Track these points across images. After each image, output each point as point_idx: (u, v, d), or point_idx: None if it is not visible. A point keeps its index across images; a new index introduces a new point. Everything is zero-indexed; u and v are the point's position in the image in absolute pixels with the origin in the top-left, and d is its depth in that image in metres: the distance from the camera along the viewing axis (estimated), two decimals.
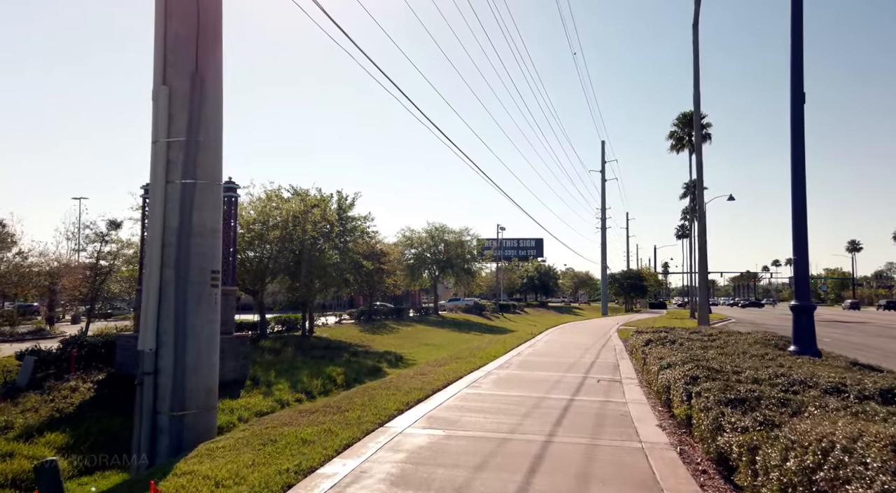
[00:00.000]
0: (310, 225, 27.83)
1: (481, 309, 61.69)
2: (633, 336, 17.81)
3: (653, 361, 11.01)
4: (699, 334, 16.77)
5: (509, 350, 18.87)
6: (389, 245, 39.20)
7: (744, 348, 12.93)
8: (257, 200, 28.10)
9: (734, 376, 7.96)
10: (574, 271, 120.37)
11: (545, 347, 20.62)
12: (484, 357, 16.40)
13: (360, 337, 34.03)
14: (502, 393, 10.92)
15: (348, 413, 8.76)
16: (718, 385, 6.78)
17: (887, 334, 36.31)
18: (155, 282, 8.17)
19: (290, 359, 24.85)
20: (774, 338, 15.52)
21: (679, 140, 50.56)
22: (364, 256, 34.09)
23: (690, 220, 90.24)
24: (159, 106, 8.31)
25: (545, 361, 16.13)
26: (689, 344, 13.32)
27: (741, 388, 6.58)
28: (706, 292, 21.96)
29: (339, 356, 26.69)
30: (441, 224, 53.85)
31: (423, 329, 41.90)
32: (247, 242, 26.56)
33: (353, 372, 22.88)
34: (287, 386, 19.67)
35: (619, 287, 78.85)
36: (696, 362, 9.83)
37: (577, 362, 16.13)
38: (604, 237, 58.87)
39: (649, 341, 14.23)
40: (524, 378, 12.75)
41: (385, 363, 26.16)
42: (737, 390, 6.51)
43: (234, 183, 19.84)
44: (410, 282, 52.42)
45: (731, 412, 5.89)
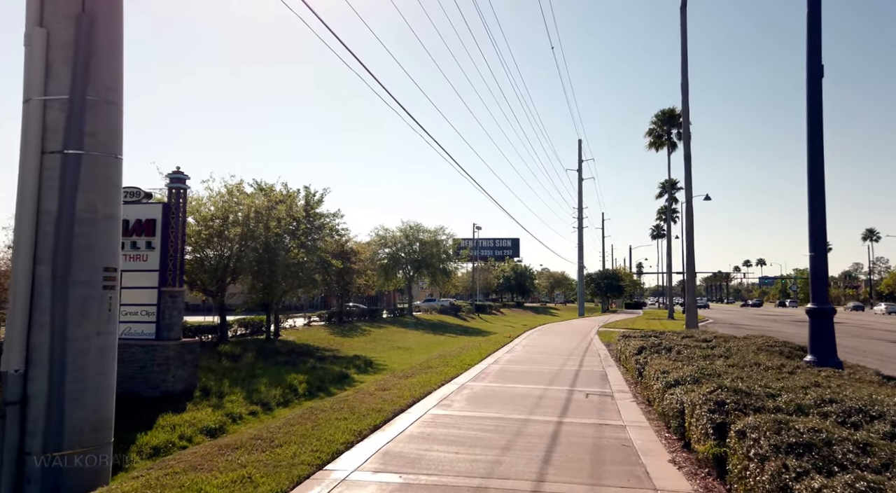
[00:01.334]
0: (274, 222, 25.73)
1: (457, 310, 59.81)
2: (621, 342, 16.06)
3: (653, 374, 9.22)
4: (693, 339, 15.09)
5: (485, 357, 17.02)
6: (361, 244, 37.13)
7: (751, 356, 11.23)
8: (217, 194, 25.92)
9: (770, 402, 6.18)
10: (550, 272, 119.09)
11: (524, 352, 18.80)
12: (457, 366, 14.52)
13: (329, 340, 31.99)
14: (478, 414, 9.03)
15: (281, 449, 6.81)
16: (768, 422, 4.95)
17: (868, 335, 35.17)
18: (24, 282, 6.16)
19: (250, 365, 22.77)
20: (777, 344, 13.87)
21: (658, 138, 49.10)
22: (333, 254, 32.06)
23: (667, 220, 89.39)
24: (34, 54, 6.31)
25: (525, 370, 14.29)
26: (689, 352, 11.59)
27: (799, 426, 4.77)
28: (694, 294, 20.35)
29: (305, 362, 24.64)
30: (416, 223, 51.93)
31: (397, 331, 39.91)
32: (204, 239, 24.39)
33: (318, 380, 20.86)
34: (242, 397, 17.60)
35: (595, 288, 77.47)
36: (708, 378, 8.04)
37: (561, 370, 14.32)
38: (580, 237, 57.47)
39: (642, 349, 12.46)
40: (503, 393, 10.87)
41: (353, 370, 24.18)
42: (795, 429, 4.71)
43: (183, 173, 17.72)
44: (384, 282, 50.36)
45: (800, 467, 4.08)
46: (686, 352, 11.67)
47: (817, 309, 10.44)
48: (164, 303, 17.13)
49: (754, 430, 4.85)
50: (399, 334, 38.80)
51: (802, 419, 5.09)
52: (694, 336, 15.65)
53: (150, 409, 15.60)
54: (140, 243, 17.23)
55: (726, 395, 6.32)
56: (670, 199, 55.25)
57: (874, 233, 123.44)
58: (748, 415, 5.87)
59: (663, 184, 69.52)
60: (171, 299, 17.27)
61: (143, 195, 17.58)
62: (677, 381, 8.05)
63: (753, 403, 6.14)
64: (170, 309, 17.22)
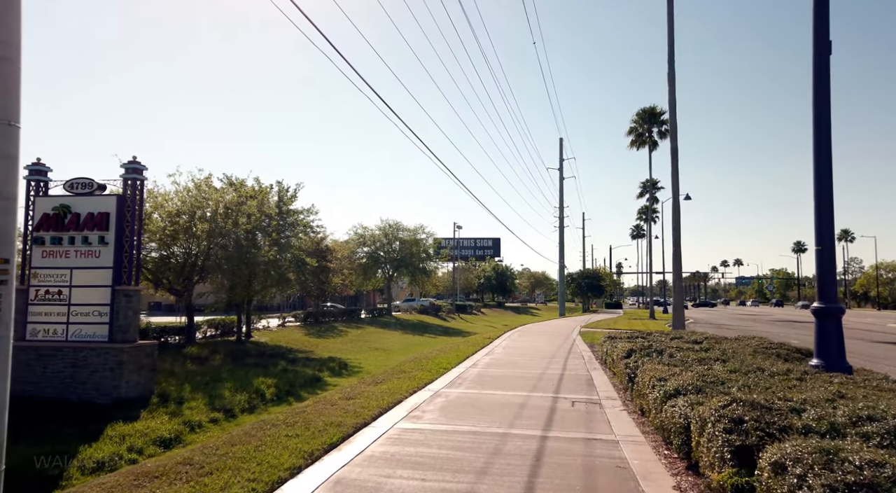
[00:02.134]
0: (244, 218, 24.42)
1: (437, 310, 58.68)
2: (607, 343, 15.02)
3: (648, 381, 8.15)
4: (682, 340, 14.08)
5: (463, 359, 15.89)
6: (337, 242, 35.82)
7: (749, 360, 10.21)
8: (184, 189, 24.57)
9: (796, 420, 5.11)
10: (531, 272, 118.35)
11: (504, 354, 17.70)
12: (433, 370, 13.37)
13: (303, 342, 30.70)
14: (451, 428, 7.89)
15: (211, 479, 5.62)
16: (812, 452, 3.85)
17: (851, 335, 34.56)
18: None
19: (217, 369, 21.49)
20: (773, 346, 12.89)
21: (639, 136, 48.24)
22: (308, 253, 30.78)
23: (647, 220, 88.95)
24: None
25: (505, 374, 13.18)
26: (682, 356, 10.55)
27: (853, 458, 3.69)
28: (681, 294, 19.37)
29: (276, 364, 23.41)
30: (395, 221, 50.71)
31: (374, 332, 38.68)
32: (169, 235, 23.02)
33: (287, 383, 19.66)
34: (203, 403, 16.35)
35: (576, 287, 76.64)
36: (711, 386, 6.98)
37: (543, 374, 13.24)
38: (561, 236, 56.58)
39: (631, 352, 11.40)
40: (480, 401, 9.74)
41: (327, 372, 22.99)
42: (850, 462, 3.63)
43: (140, 163, 16.39)
44: (363, 282, 49.10)
45: None
46: (679, 355, 10.64)
47: (824, 309, 9.43)
48: (119, 303, 15.82)
49: (797, 463, 3.75)
50: (377, 335, 37.57)
51: (851, 446, 4.01)
52: (683, 338, 14.66)
53: (101, 417, 14.28)
54: (92, 239, 15.89)
55: (743, 410, 5.24)
56: (651, 198, 54.55)
57: (849, 233, 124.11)
58: (774, 436, 4.80)
59: (644, 183, 68.87)
60: (126, 299, 15.95)
61: (96, 187, 16.25)
62: (677, 390, 6.97)
63: (777, 421, 5.07)
64: (124, 309, 15.90)
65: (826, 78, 9.09)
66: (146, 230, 22.60)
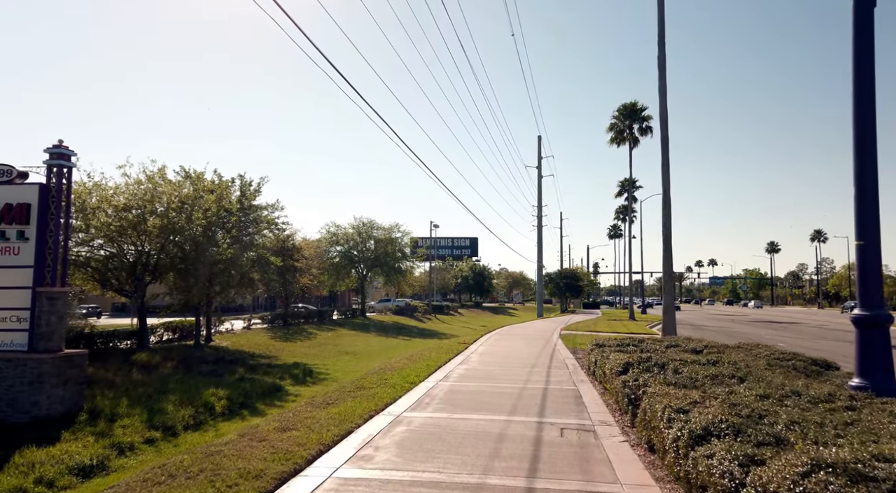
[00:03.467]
0: (199, 213, 22.25)
1: (412, 311, 56.67)
2: (595, 352, 13.20)
3: (661, 411, 6.28)
4: (680, 349, 12.32)
5: (434, 370, 13.97)
6: (306, 241, 33.62)
7: (769, 376, 8.46)
8: (135, 182, 22.34)
9: None
10: (508, 272, 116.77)
11: (480, 363, 15.82)
12: (398, 385, 11.44)
13: (268, 346, 28.55)
14: (408, 476, 5.97)
15: None
16: None
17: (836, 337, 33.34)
18: None
19: (165, 378, 19.31)
20: (786, 357, 11.16)
21: (619, 133, 46.59)
22: (273, 251, 28.63)
23: (625, 219, 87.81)
24: None
25: (481, 389, 11.29)
26: (689, 371, 8.76)
27: None
28: (672, 294, 17.55)
29: (233, 372, 21.27)
30: (369, 220, 48.55)
31: (346, 334, 36.60)
32: (115, 231, 20.80)
33: (242, 394, 17.57)
34: (141, 419, 14.22)
35: (554, 287, 75.03)
36: (752, 424, 5.16)
37: (524, 389, 11.38)
38: (540, 235, 54.88)
39: (628, 366, 9.59)
40: (450, 431, 7.82)
41: (289, 380, 20.94)
42: None
43: (67, 148, 14.24)
44: (336, 282, 46.90)
45: None
46: (686, 371, 8.84)
47: (868, 317, 7.60)
48: (41, 307, 13.65)
49: None
50: (348, 338, 35.52)
51: None
52: (680, 345, 12.90)
53: (13, 440, 12.08)
54: (10, 233, 13.69)
55: (840, 483, 3.40)
56: (629, 197, 53.02)
57: (822, 234, 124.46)
58: None
59: (622, 182, 67.45)
60: (49, 303, 13.79)
61: (15, 174, 14.06)
62: (707, 430, 5.14)
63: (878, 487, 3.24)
64: (48, 314, 13.73)
65: (869, 39, 7.33)
66: (91, 226, 20.43)
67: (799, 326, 45.83)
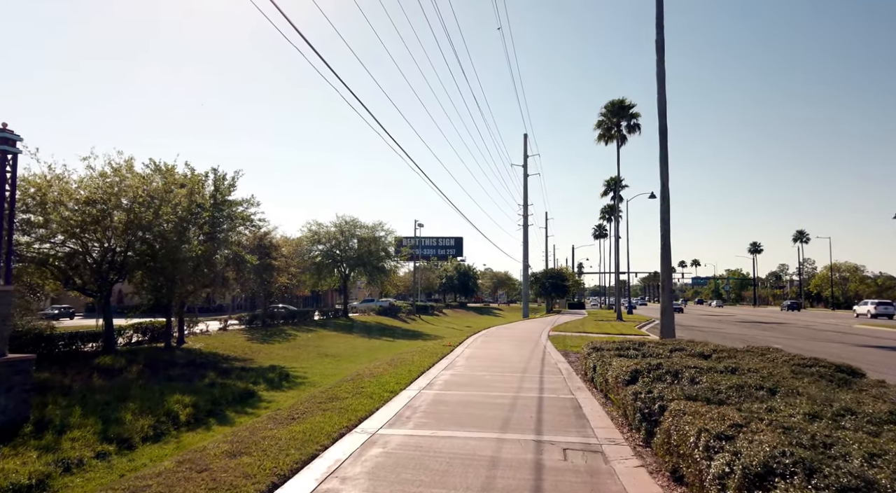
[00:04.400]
0: (169, 208, 20.84)
1: (396, 311, 55.35)
2: (592, 356, 12.03)
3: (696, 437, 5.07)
4: (686, 353, 11.21)
5: (417, 376, 12.73)
6: (285, 239, 32.16)
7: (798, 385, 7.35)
8: (99, 174, 20.89)
9: None
10: (493, 272, 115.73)
11: (467, 367, 14.60)
12: (375, 394, 10.18)
13: (244, 348, 27.15)
14: None
15: None
16: None
17: (827, 338, 32.56)
18: None
19: (130, 383, 17.93)
20: (806, 362, 10.06)
21: (607, 130, 45.53)
22: (250, 249, 27.24)
23: (612, 219, 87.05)
24: None
25: (469, 399, 10.07)
26: (709, 381, 7.62)
27: None
28: (670, 294, 16.36)
29: (204, 376, 19.92)
30: (352, 218, 47.10)
31: (327, 335, 35.24)
32: (76, 226, 19.36)
33: (211, 401, 16.23)
34: (94, 431, 12.87)
35: (540, 288, 73.93)
36: (828, 461, 3.99)
37: (517, 398, 10.19)
38: (525, 234, 53.71)
39: (636, 374, 8.42)
40: (431, 456, 6.59)
41: (264, 385, 19.61)
42: None
43: (13, 132, 12.84)
44: (317, 281, 45.43)
45: None
46: (704, 380, 7.70)
47: None
48: None
49: None
50: (329, 339, 34.17)
51: None
52: (685, 349, 11.78)
53: None
54: None
55: None
56: (617, 195, 52.00)
57: (804, 234, 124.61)
58: None
59: (609, 181, 66.50)
60: None
61: None
62: (768, 467, 3.97)
63: None
64: None
65: None
66: (51, 221, 19.01)
67: (786, 326, 45.15)
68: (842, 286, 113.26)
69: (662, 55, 16.45)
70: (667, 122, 16.20)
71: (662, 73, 16.26)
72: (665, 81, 16.28)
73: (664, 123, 16.30)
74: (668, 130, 16.07)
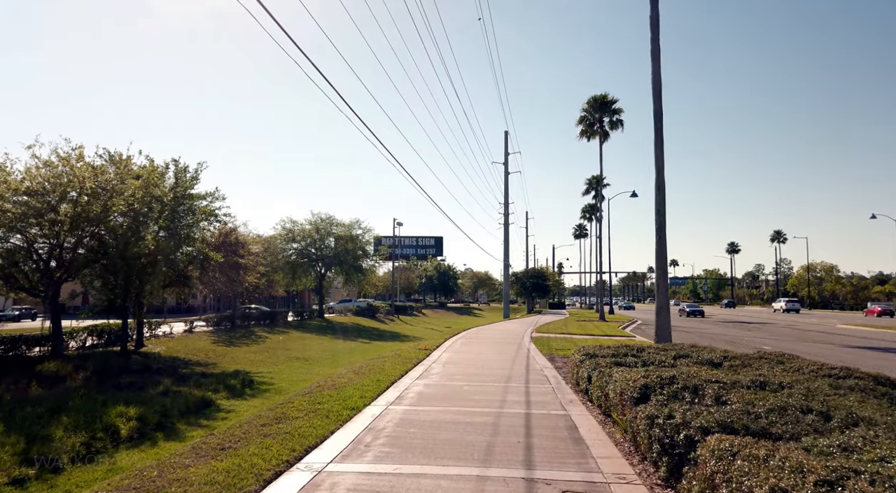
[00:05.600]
0: (121, 200, 19.00)
1: (374, 311, 53.60)
2: (586, 364, 10.49)
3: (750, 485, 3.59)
4: (692, 361, 9.76)
5: (386, 388, 11.09)
6: (253, 237, 30.22)
7: (858, 409, 5.88)
8: (44, 164, 19.00)
9: None
10: (474, 271, 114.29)
11: (443, 376, 12.99)
12: (332, 413, 8.53)
13: (208, 351, 25.32)
14: None
15: None
16: None
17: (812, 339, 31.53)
18: None
19: (71, 392, 16.10)
20: (836, 373, 8.61)
21: (590, 126, 44.14)
22: (215, 246, 25.40)
23: (591, 219, 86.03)
24: None
25: (444, 418, 8.48)
26: (739, 400, 6.14)
27: None
28: (666, 294, 14.79)
29: (158, 383, 18.16)
30: (328, 215, 45.25)
31: (299, 337, 33.47)
32: (17, 219, 17.47)
33: (160, 413, 14.52)
34: (15, 450, 11.19)
35: (521, 287, 72.55)
36: None
37: (500, 417, 8.62)
38: (506, 233, 52.21)
39: (646, 391, 6.88)
40: None
41: (224, 392, 17.90)
42: None
43: None
44: (292, 281, 43.55)
45: None
46: (734, 400, 6.21)
47: None
48: None
49: None
50: (301, 342, 32.39)
51: None
52: (690, 356, 10.31)
53: None
54: None
55: None
56: (599, 193, 50.65)
57: (781, 234, 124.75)
58: None
59: (590, 180, 65.37)
60: None
61: None
62: None
63: None
64: None
65: None
66: None
67: (770, 326, 44.16)
68: (818, 286, 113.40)
69: (657, 33, 14.89)
70: (662, 105, 14.71)
71: (657, 51, 14.72)
72: (660, 59, 14.75)
73: (659, 105, 14.82)
74: (662, 112, 14.59)
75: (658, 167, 14.82)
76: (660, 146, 14.73)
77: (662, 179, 14.74)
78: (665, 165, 14.62)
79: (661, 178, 14.77)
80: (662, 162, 14.70)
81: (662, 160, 14.69)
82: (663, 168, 14.77)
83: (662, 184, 14.71)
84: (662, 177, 14.76)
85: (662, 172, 14.80)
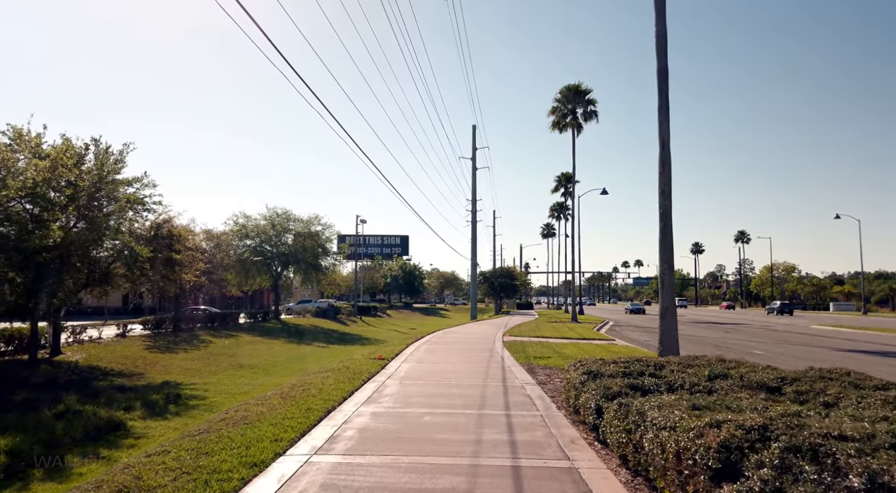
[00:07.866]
0: (18, 182, 15.65)
1: (336, 312, 50.30)
2: (590, 387, 7.69)
3: None
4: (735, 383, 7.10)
5: (316, 422, 8.05)
6: (186, 229, 26.70)
7: None
8: None
9: None
10: (440, 271, 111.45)
11: (399, 400, 9.99)
12: (221, 476, 5.54)
13: (137, 359, 21.90)
14: None
15: None
16: None
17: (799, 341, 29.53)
18: None
19: None
20: None
21: (563, 117, 41.55)
22: (146, 240, 21.99)
23: (559, 218, 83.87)
24: None
25: (397, 461, 5.60)
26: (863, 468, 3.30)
27: None
28: (672, 296, 11.78)
29: (61, 399, 14.82)
30: (284, 210, 41.87)
31: (249, 342, 30.16)
32: None
33: (45, 442, 11.32)
34: None
35: (489, 287, 69.86)
36: None
37: (476, 475, 5.73)
38: (474, 230, 49.45)
39: (729, 453, 4.06)
40: None
41: (142, 410, 14.74)
42: None
43: None
44: (245, 281, 40.06)
45: None
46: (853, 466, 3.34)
47: None
48: None
49: None
50: (251, 346, 29.07)
51: None
52: (729, 376, 7.65)
53: None
54: None
55: None
56: (572, 188, 48.15)
57: (745, 235, 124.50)
58: None
59: (560, 177, 62.99)
60: None
61: None
62: None
63: None
64: None
65: None
66: None
67: (744, 327, 42.23)
68: (780, 286, 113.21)
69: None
70: (667, 60, 11.97)
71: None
72: (665, 10, 12.04)
73: (664, 62, 12.04)
74: (668, 70, 11.85)
75: (662, 139, 12.05)
76: (664, 112, 11.99)
77: (668, 154, 11.96)
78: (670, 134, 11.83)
79: (665, 152, 11.99)
80: (668, 132, 11.95)
81: (668, 130, 11.93)
82: (669, 140, 11.99)
83: (668, 159, 11.93)
84: (668, 151, 11.98)
85: (668, 145, 12.02)
